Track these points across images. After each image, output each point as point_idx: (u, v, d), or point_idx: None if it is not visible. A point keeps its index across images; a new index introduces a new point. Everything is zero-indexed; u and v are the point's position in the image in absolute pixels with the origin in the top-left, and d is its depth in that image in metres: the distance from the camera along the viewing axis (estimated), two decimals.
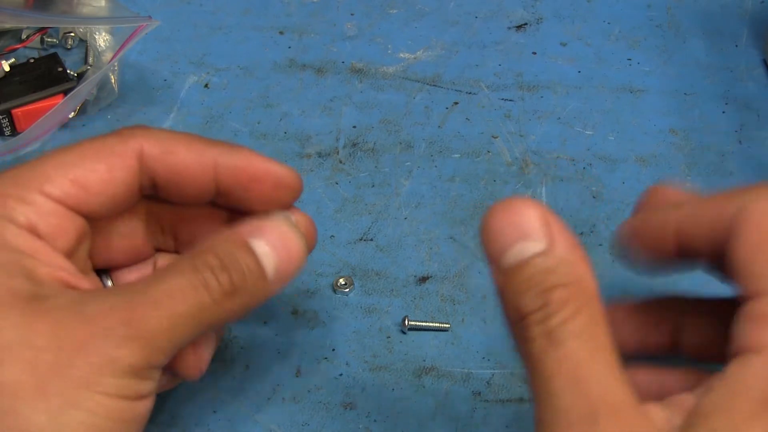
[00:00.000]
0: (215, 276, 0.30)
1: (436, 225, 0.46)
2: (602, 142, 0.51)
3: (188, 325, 0.29)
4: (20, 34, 0.53)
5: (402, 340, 0.42)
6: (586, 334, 0.26)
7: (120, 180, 0.32)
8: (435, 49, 0.56)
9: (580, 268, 0.27)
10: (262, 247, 0.31)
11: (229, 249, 0.31)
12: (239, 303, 0.31)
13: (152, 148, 0.32)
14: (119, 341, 0.28)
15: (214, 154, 0.33)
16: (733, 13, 0.59)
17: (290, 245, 0.32)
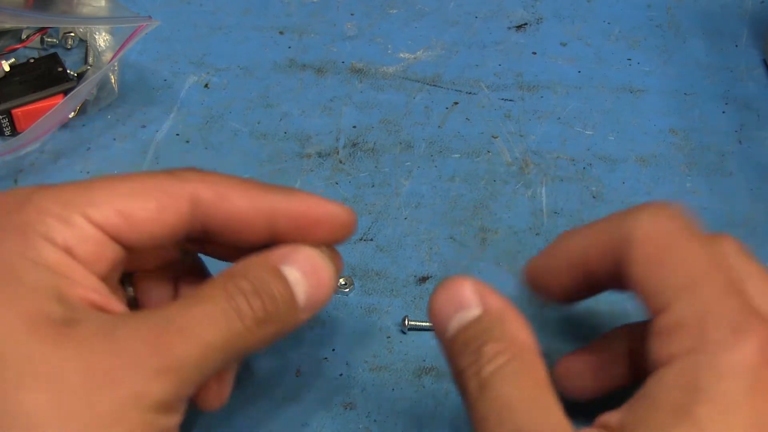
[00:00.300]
0: (247, 301, 0.30)
1: (436, 225, 0.46)
2: (602, 142, 0.51)
3: (219, 354, 0.29)
4: (20, 34, 0.53)
5: (402, 340, 0.42)
6: (516, 378, 0.28)
7: (168, 222, 0.31)
8: (435, 49, 0.56)
9: (513, 326, 0.30)
10: (293, 274, 0.31)
11: (261, 274, 0.31)
12: (270, 331, 0.31)
13: (207, 194, 0.32)
14: (149, 375, 0.27)
15: (271, 200, 0.32)
16: (733, 13, 0.59)
17: (321, 273, 0.32)
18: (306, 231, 0.33)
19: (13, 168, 0.48)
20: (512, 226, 0.46)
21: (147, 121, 0.51)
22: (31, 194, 0.30)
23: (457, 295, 0.31)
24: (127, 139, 0.50)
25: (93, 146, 0.49)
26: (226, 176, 0.33)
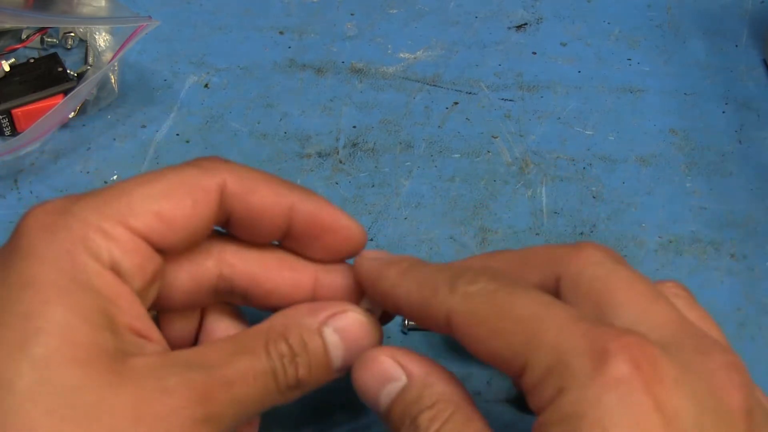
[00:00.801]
0: (285, 367, 0.30)
1: (436, 225, 0.46)
2: (602, 142, 0.51)
3: (252, 409, 0.30)
4: (20, 34, 0.53)
5: (402, 340, 0.42)
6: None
7: (203, 215, 0.31)
8: (435, 49, 0.56)
9: (440, 387, 0.30)
10: (333, 338, 0.32)
11: (302, 336, 0.31)
12: (300, 392, 0.32)
13: (234, 185, 0.32)
14: (196, 423, 0.28)
15: (293, 197, 0.33)
16: (733, 13, 0.59)
17: (363, 341, 0.33)
18: (319, 236, 0.33)
19: (13, 168, 0.48)
20: (512, 226, 0.46)
21: (147, 121, 0.51)
22: (69, 206, 0.29)
23: (378, 369, 0.31)
24: (127, 139, 0.50)
25: (93, 146, 0.49)
26: (252, 169, 0.33)
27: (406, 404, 0.30)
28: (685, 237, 0.47)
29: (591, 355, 0.26)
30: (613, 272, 0.30)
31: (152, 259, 0.30)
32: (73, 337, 0.27)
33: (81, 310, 0.27)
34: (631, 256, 0.45)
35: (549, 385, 0.26)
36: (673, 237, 0.47)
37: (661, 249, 0.46)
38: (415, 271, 0.32)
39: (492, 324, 0.28)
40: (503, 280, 0.29)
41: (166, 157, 0.49)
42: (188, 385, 0.28)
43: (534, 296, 0.29)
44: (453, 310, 0.30)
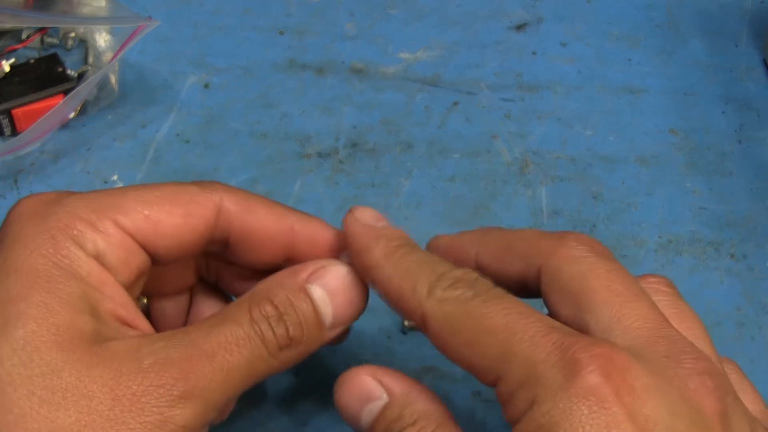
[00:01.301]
0: (272, 327, 0.30)
1: (436, 225, 0.46)
2: (602, 142, 0.51)
3: (242, 379, 0.29)
4: (20, 34, 0.53)
5: (402, 340, 0.42)
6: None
7: (194, 228, 0.31)
8: (435, 49, 0.56)
9: (421, 404, 0.30)
10: (319, 293, 0.31)
11: (287, 297, 0.31)
12: (294, 354, 0.31)
13: (232, 204, 0.32)
14: (174, 400, 0.27)
15: (292, 219, 0.33)
16: (733, 13, 0.59)
17: (350, 291, 0.32)
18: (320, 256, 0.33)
19: (13, 168, 0.48)
20: (512, 226, 0.46)
21: (147, 121, 0.51)
22: (61, 198, 0.30)
23: (359, 388, 0.31)
24: (127, 139, 0.50)
25: (93, 146, 0.49)
26: (250, 192, 0.33)
27: (388, 423, 0.30)
28: (685, 237, 0.47)
29: (562, 366, 0.26)
30: (593, 268, 0.30)
31: (138, 255, 0.30)
32: (53, 320, 0.27)
33: (62, 295, 0.28)
34: (631, 256, 0.45)
35: (522, 397, 0.27)
36: (673, 237, 0.47)
37: (661, 249, 0.46)
38: (400, 257, 0.31)
39: (465, 335, 0.28)
40: (481, 285, 0.29)
41: (166, 157, 0.49)
42: (165, 362, 0.28)
43: (509, 305, 0.29)
44: (428, 314, 0.30)
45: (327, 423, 0.39)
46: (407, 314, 0.31)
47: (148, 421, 0.27)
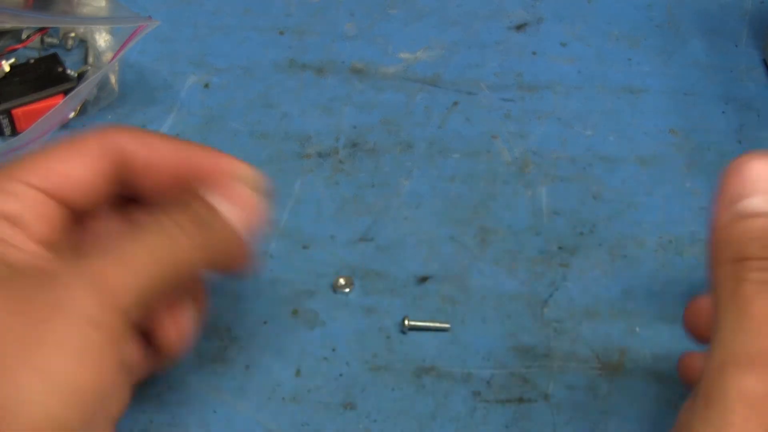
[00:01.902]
0: (176, 223, 0.31)
1: (436, 225, 0.46)
2: (602, 142, 0.51)
3: (155, 277, 0.30)
4: (20, 34, 0.53)
5: (402, 340, 0.42)
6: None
7: (100, 170, 0.33)
8: (435, 49, 0.56)
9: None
10: (215, 197, 0.33)
11: (188, 200, 0.32)
12: (200, 243, 0.32)
13: (133, 141, 0.34)
14: (87, 301, 0.28)
15: (189, 150, 0.34)
16: (733, 13, 0.59)
17: (246, 199, 0.34)
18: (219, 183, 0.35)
19: None
20: (512, 226, 0.46)
21: (147, 121, 0.51)
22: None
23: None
24: None
25: None
26: (150, 131, 0.35)
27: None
28: (685, 237, 0.47)
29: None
30: None
31: (55, 209, 0.32)
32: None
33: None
34: (631, 256, 0.45)
35: None
36: (673, 237, 0.47)
37: (661, 249, 0.46)
38: None
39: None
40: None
41: None
42: (77, 273, 0.29)
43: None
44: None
45: (327, 423, 0.39)
46: None
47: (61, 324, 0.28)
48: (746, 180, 0.29)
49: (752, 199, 0.29)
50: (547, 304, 0.43)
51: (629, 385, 0.41)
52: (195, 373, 0.40)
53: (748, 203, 0.29)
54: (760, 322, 0.27)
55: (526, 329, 0.42)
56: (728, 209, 0.29)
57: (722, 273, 0.29)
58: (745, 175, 0.29)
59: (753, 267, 0.28)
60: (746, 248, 0.28)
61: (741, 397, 0.27)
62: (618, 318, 0.43)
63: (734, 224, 0.29)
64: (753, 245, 0.28)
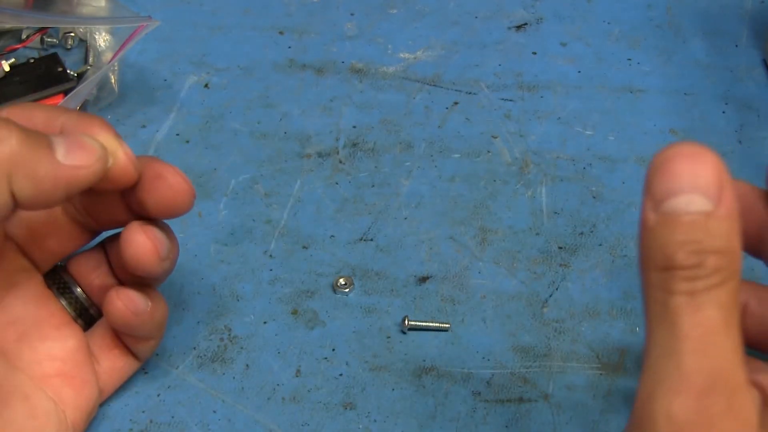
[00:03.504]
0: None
1: (436, 225, 0.46)
2: (602, 142, 0.51)
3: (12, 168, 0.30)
4: (20, 34, 0.53)
5: (402, 340, 0.42)
6: (726, 306, 0.26)
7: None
8: (435, 49, 0.56)
9: (735, 240, 0.26)
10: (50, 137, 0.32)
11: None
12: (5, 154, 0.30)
13: (15, 114, 0.34)
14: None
15: (64, 119, 0.34)
16: (733, 13, 0.59)
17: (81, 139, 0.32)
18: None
19: None
20: (512, 226, 0.46)
21: (147, 121, 0.51)
22: None
23: (699, 171, 0.26)
24: (127, 139, 0.49)
25: None
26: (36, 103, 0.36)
27: (700, 230, 0.26)
28: None
29: None
30: None
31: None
32: None
33: None
34: (631, 256, 0.45)
35: None
36: None
37: None
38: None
39: None
40: None
41: (165, 157, 0.48)
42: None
43: None
44: None
45: (327, 423, 0.39)
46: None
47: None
48: (673, 175, 0.26)
49: (679, 198, 0.26)
50: (547, 304, 0.43)
51: (629, 385, 0.41)
52: (195, 373, 0.40)
53: (675, 202, 0.26)
54: (687, 340, 0.25)
55: (526, 329, 0.42)
56: (655, 209, 0.27)
57: (650, 282, 0.26)
58: (672, 169, 0.26)
59: (681, 277, 0.26)
60: (673, 255, 0.26)
61: (669, 423, 0.25)
62: (618, 318, 0.43)
63: (661, 226, 0.26)
64: (680, 252, 0.26)
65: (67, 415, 0.36)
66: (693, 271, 0.25)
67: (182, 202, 0.36)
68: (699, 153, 0.26)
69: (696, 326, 0.25)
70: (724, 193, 0.26)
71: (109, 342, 0.38)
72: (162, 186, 0.35)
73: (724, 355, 0.25)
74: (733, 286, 0.26)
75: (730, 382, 0.25)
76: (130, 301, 0.36)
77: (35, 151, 0.31)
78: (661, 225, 0.26)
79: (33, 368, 0.36)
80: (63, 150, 0.32)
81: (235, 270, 0.44)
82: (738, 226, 0.26)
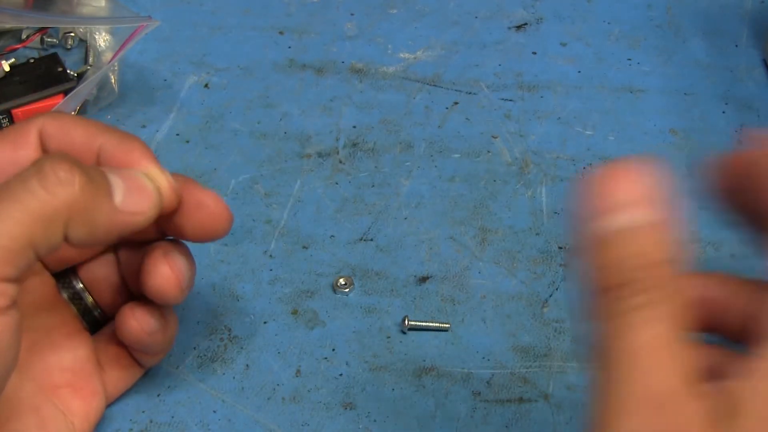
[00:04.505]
0: (39, 174, 0.30)
1: (436, 225, 0.46)
2: (602, 142, 0.51)
3: (26, 226, 0.29)
4: (20, 34, 0.53)
5: (402, 340, 0.42)
6: (660, 324, 0.24)
7: (24, 157, 0.33)
8: (435, 49, 0.56)
9: (667, 252, 0.25)
10: (114, 177, 0.32)
11: (42, 162, 0.31)
12: (68, 194, 0.30)
13: (52, 127, 0.34)
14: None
15: (103, 139, 0.34)
16: (733, 13, 0.59)
17: (139, 181, 0.32)
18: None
19: None
20: (512, 226, 0.46)
21: (147, 121, 0.51)
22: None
23: (631, 188, 0.25)
24: None
25: None
26: (76, 116, 0.35)
27: (636, 248, 0.25)
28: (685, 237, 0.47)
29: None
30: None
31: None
32: None
33: None
34: None
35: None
36: None
37: None
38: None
39: None
40: None
41: (166, 157, 0.49)
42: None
43: None
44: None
45: (327, 423, 0.39)
46: None
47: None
48: (606, 192, 0.25)
49: (616, 215, 0.25)
50: (547, 304, 0.43)
51: None
52: (195, 373, 0.40)
53: (605, 220, 0.25)
54: (630, 359, 0.24)
55: (526, 329, 0.42)
56: (591, 226, 0.25)
57: (588, 303, 0.26)
58: (605, 187, 0.25)
59: (615, 297, 0.25)
60: (605, 276, 0.25)
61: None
62: None
63: (595, 244, 0.25)
64: (617, 272, 0.25)
65: (75, 426, 0.35)
66: (628, 288, 0.25)
67: (222, 229, 0.35)
68: (634, 169, 0.25)
69: (628, 347, 0.24)
70: (657, 209, 0.25)
71: (116, 352, 0.38)
72: (203, 214, 0.35)
73: (669, 371, 0.24)
74: (672, 302, 0.25)
75: (676, 398, 0.24)
76: (144, 321, 0.36)
77: (95, 198, 0.30)
78: (599, 244, 0.25)
79: (43, 379, 0.36)
80: (121, 195, 0.31)
81: (235, 270, 0.44)
82: (672, 235, 0.25)
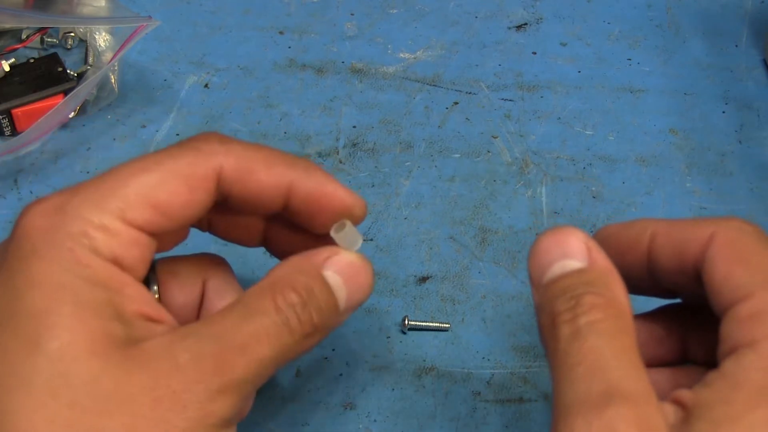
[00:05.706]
0: (297, 316, 0.30)
1: (436, 225, 0.46)
2: (602, 142, 0.51)
3: (271, 367, 0.30)
4: (20, 34, 0.53)
5: (402, 340, 0.42)
6: (610, 335, 0.28)
7: (199, 202, 0.31)
8: (435, 49, 0.56)
9: (615, 288, 0.29)
10: (334, 279, 0.32)
11: (307, 282, 0.31)
12: (316, 340, 0.31)
13: (231, 168, 0.32)
14: (213, 394, 0.28)
15: (292, 176, 0.33)
16: (733, 13, 0.59)
17: (360, 276, 0.33)
18: (317, 213, 0.33)
19: (13, 168, 0.48)
20: (512, 226, 0.46)
21: (147, 121, 0.51)
22: (66, 204, 0.29)
23: (565, 243, 0.30)
24: (127, 139, 0.50)
25: (93, 146, 0.49)
26: (249, 146, 0.33)
27: (575, 283, 0.29)
28: None
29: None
30: None
31: (149, 246, 0.31)
32: (85, 329, 0.27)
33: (89, 304, 0.28)
34: None
35: (762, 324, 0.28)
36: None
37: None
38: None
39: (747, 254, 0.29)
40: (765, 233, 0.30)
41: None
42: (200, 358, 0.28)
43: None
44: (720, 231, 0.30)
45: (327, 423, 0.39)
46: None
47: (191, 417, 0.27)
48: (546, 253, 0.30)
49: (554, 267, 0.30)
50: None
51: None
52: None
53: (551, 271, 0.30)
54: (578, 368, 0.27)
55: (526, 329, 0.42)
56: (539, 287, 0.30)
57: (544, 335, 0.29)
58: (543, 250, 0.30)
59: (562, 321, 0.28)
60: (555, 306, 0.29)
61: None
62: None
63: (545, 291, 0.30)
64: (560, 301, 0.29)
65: None
66: (572, 311, 0.28)
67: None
68: (560, 230, 0.30)
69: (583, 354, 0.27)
70: (593, 254, 0.30)
71: None
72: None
73: (617, 370, 0.27)
74: (617, 322, 0.28)
75: (627, 393, 0.26)
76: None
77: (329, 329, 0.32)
78: (545, 292, 0.30)
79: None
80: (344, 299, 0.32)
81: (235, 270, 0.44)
82: (616, 277, 0.30)
